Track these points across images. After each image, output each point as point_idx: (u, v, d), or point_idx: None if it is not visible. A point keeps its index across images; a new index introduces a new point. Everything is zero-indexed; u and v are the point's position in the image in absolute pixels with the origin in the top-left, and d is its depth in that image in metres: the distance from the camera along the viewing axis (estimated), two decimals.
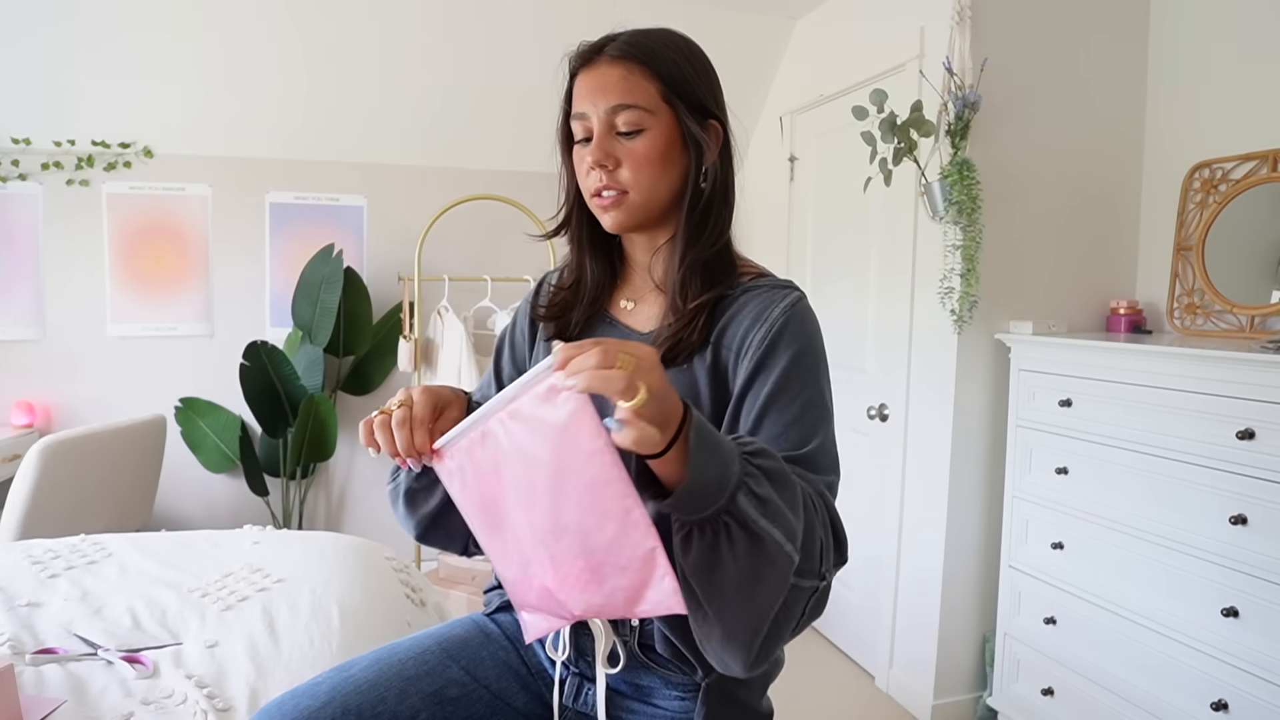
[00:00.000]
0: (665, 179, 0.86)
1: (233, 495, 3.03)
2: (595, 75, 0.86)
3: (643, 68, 0.85)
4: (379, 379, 3.10)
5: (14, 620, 1.34)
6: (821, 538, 0.71)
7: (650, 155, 0.85)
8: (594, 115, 0.85)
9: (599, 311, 0.97)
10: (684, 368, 0.86)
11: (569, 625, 0.85)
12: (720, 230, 0.89)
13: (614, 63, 0.85)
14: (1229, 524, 1.51)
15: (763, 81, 3.02)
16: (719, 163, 0.89)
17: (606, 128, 0.85)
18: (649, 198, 0.86)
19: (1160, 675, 1.66)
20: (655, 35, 0.89)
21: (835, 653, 2.66)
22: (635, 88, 0.84)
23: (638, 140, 0.85)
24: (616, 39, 0.87)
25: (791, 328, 0.83)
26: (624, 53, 0.85)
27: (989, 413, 2.15)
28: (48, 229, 2.78)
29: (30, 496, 1.94)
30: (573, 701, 0.91)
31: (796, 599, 0.69)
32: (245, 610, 1.42)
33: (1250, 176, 1.90)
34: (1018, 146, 2.09)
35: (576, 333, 0.96)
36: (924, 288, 2.19)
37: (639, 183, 0.85)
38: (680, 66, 0.87)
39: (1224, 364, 1.54)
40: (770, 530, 0.64)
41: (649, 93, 0.85)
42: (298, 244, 3.00)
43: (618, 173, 0.85)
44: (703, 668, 0.83)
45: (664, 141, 0.85)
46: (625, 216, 0.87)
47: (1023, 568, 2.02)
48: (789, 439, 0.78)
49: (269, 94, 2.75)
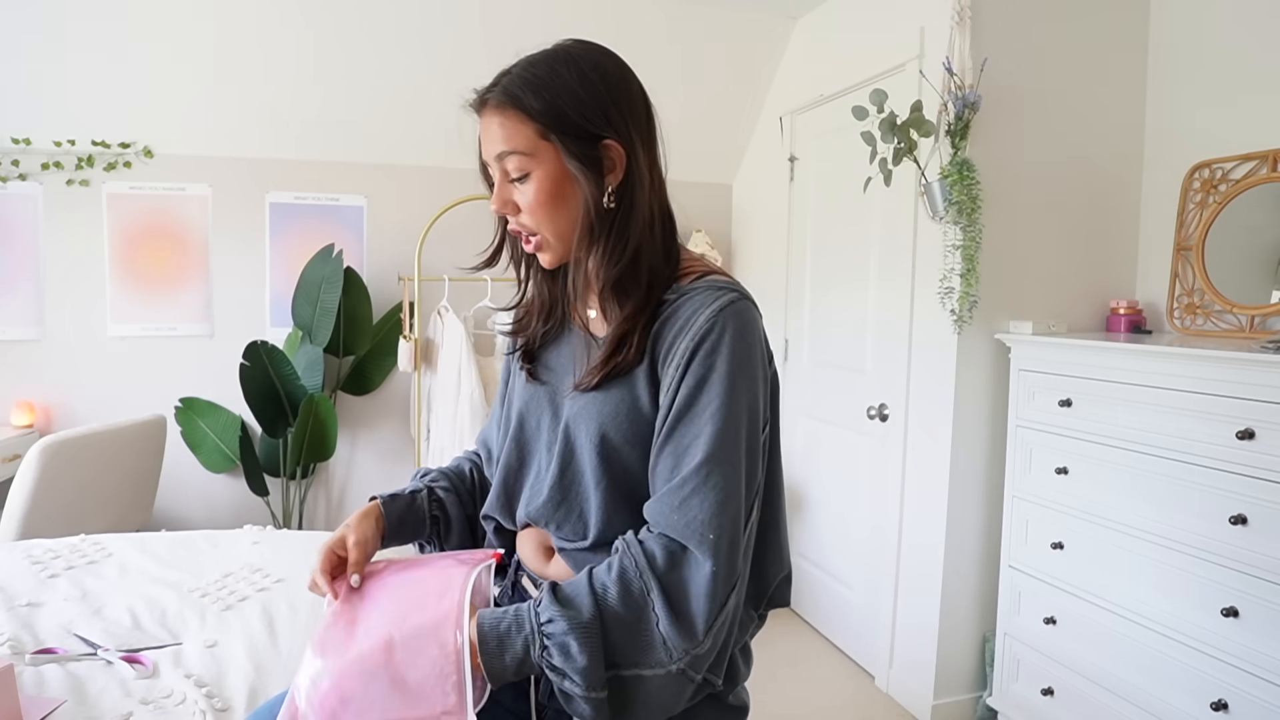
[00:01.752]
0: (565, 214, 0.86)
1: (233, 495, 3.03)
2: (484, 125, 0.87)
3: (516, 111, 0.84)
4: (379, 379, 3.10)
5: (14, 620, 1.35)
6: (655, 629, 0.76)
7: (540, 198, 0.85)
8: (492, 165, 0.87)
9: (565, 320, 0.98)
10: (622, 379, 0.86)
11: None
12: (624, 246, 0.85)
13: (493, 110, 0.85)
14: (1229, 524, 1.51)
15: (763, 81, 3.02)
16: (624, 178, 0.86)
17: (502, 175, 0.87)
18: (556, 234, 0.87)
19: (1160, 675, 1.66)
20: (539, 66, 0.85)
21: (835, 652, 2.66)
22: (513, 133, 0.84)
23: (527, 185, 0.85)
24: (499, 83, 0.86)
25: (713, 337, 0.81)
26: (498, 99, 0.85)
27: (989, 413, 2.15)
28: (48, 229, 2.78)
29: (30, 496, 1.94)
30: (549, 698, 0.91)
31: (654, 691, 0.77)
32: (245, 610, 1.42)
33: (1250, 176, 1.90)
34: (1018, 146, 2.09)
35: (542, 342, 0.99)
36: (924, 288, 2.19)
37: (540, 224, 0.86)
38: (558, 97, 0.83)
39: (1224, 364, 1.54)
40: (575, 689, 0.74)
41: (525, 135, 0.84)
42: (298, 244, 3.00)
43: (521, 218, 0.87)
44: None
45: (550, 181, 0.85)
46: (552, 255, 0.89)
47: (1023, 568, 2.01)
48: (674, 475, 0.80)
49: (269, 94, 2.75)
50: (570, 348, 0.96)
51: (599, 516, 0.86)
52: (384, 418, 3.16)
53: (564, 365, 0.95)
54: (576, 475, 0.88)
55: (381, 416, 3.15)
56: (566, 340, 0.97)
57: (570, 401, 0.90)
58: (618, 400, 0.86)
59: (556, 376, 0.96)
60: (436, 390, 2.83)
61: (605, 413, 0.86)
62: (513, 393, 1.01)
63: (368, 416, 3.14)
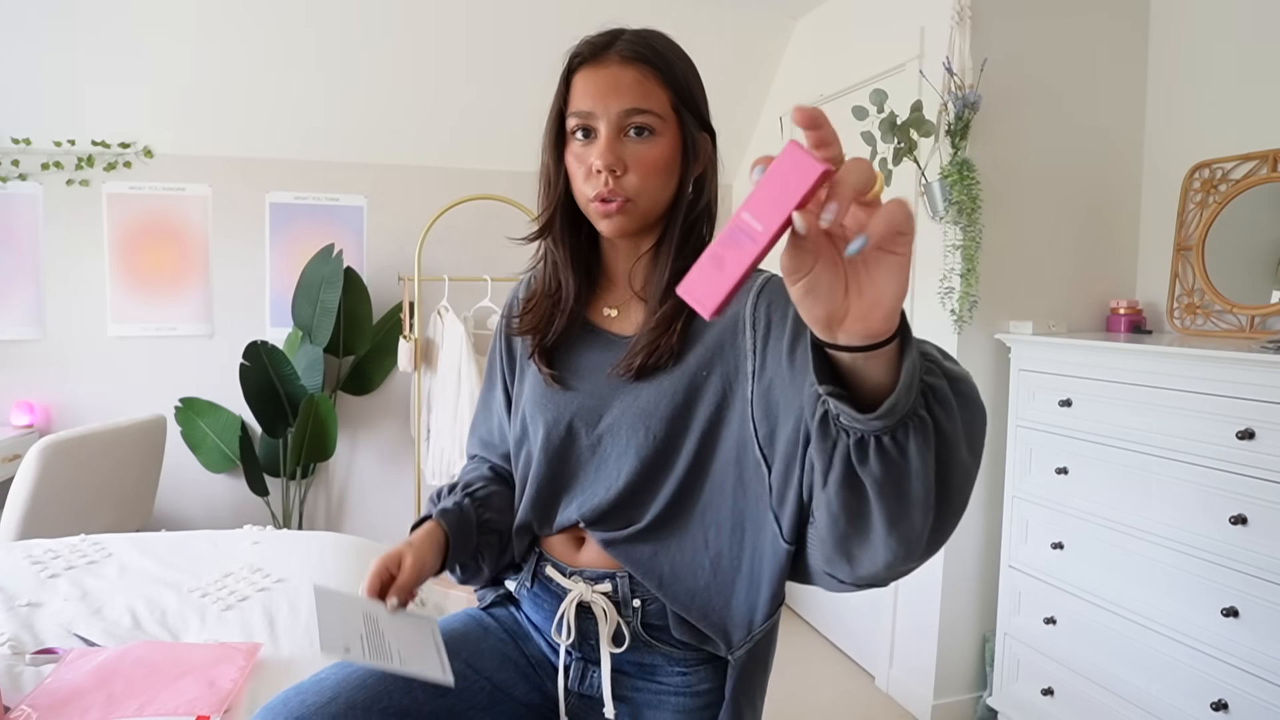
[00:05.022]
0: (667, 188, 0.86)
1: (233, 495, 3.03)
2: (606, 75, 0.83)
3: (656, 73, 0.83)
4: (379, 379, 3.10)
5: (14, 620, 1.35)
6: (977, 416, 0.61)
7: (658, 164, 0.83)
8: (603, 116, 0.83)
9: (580, 319, 0.95)
10: (653, 381, 0.86)
11: (573, 607, 0.89)
12: (704, 241, 0.89)
13: (626, 64, 0.83)
14: (1229, 524, 1.51)
15: (763, 81, 3.02)
16: (706, 174, 0.90)
17: (616, 131, 0.83)
18: (651, 205, 0.85)
19: (1160, 675, 1.66)
20: (660, 40, 0.87)
21: (835, 653, 2.66)
22: (649, 93, 0.83)
23: (647, 146, 0.83)
24: (623, 36, 0.85)
25: (769, 292, 0.83)
26: (637, 55, 0.83)
27: (989, 413, 2.14)
28: (48, 229, 2.78)
29: (30, 496, 1.94)
30: (578, 685, 0.92)
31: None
32: (245, 610, 1.42)
33: (1250, 176, 1.90)
34: (1018, 146, 2.09)
35: (556, 342, 0.94)
36: (924, 288, 2.19)
37: (645, 190, 0.84)
38: (686, 75, 0.86)
39: (1224, 364, 1.54)
40: (956, 368, 0.59)
41: (661, 100, 0.83)
42: (298, 244, 3.00)
43: (624, 179, 0.83)
44: (725, 642, 0.84)
45: (671, 150, 0.84)
46: (627, 222, 0.85)
47: (1023, 568, 2.01)
48: None
49: (269, 94, 2.75)
50: (590, 348, 0.93)
51: (664, 503, 0.86)
52: (384, 418, 3.16)
53: (589, 366, 0.92)
54: (655, 470, 0.86)
55: (381, 416, 3.15)
56: (581, 340, 0.94)
57: (623, 399, 0.88)
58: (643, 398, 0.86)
59: (584, 380, 0.92)
60: (436, 390, 2.83)
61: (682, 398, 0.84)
62: (525, 400, 0.97)
63: (368, 416, 3.14)
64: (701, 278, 0.48)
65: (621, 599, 0.88)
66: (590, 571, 0.90)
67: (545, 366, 0.93)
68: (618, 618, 0.88)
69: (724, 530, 0.84)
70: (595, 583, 0.89)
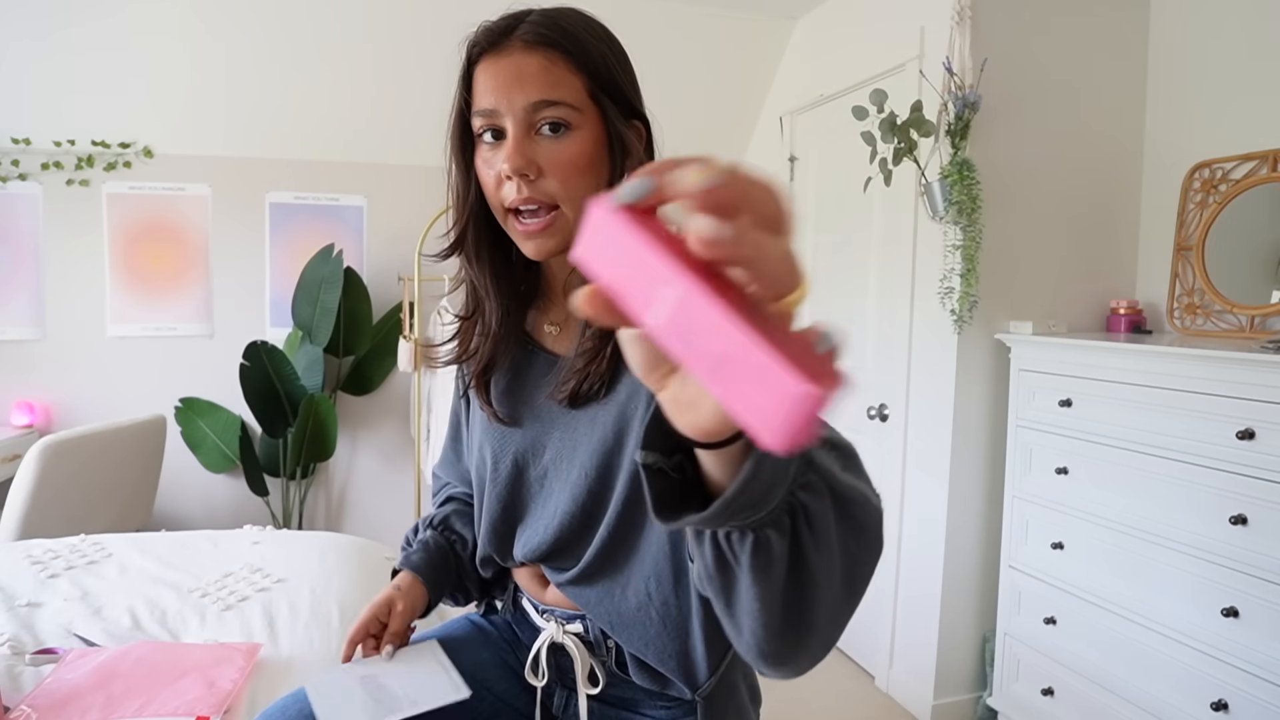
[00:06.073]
0: (594, 189, 0.72)
1: (233, 495, 3.03)
2: (508, 64, 0.71)
3: (566, 58, 0.71)
4: (379, 379, 3.10)
5: (14, 620, 1.34)
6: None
7: (578, 163, 0.71)
8: (508, 113, 0.71)
9: (520, 338, 0.85)
10: (587, 412, 0.77)
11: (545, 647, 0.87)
12: None
13: (530, 50, 0.71)
14: (1229, 524, 1.51)
15: (763, 81, 3.02)
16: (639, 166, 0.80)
17: (525, 128, 0.71)
18: (579, 212, 0.67)
19: (1160, 675, 1.66)
20: (572, 18, 0.74)
21: (835, 653, 2.66)
22: (559, 81, 0.70)
23: (563, 144, 0.71)
24: (528, 18, 0.73)
25: None
26: (542, 38, 0.71)
27: (989, 413, 2.15)
28: (48, 229, 2.78)
29: (30, 496, 1.94)
30: (562, 712, 0.91)
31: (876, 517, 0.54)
32: (245, 610, 1.42)
33: (1250, 176, 1.90)
34: (1018, 146, 2.09)
35: (492, 369, 0.85)
36: (924, 288, 2.19)
37: (569, 195, 0.71)
38: (606, 57, 0.74)
39: (1224, 364, 1.54)
40: (854, 485, 0.49)
41: (575, 88, 0.71)
42: (298, 244, 3.00)
43: (540, 183, 0.71)
44: (687, 684, 0.78)
45: (593, 145, 0.72)
46: (555, 242, 0.73)
47: (1023, 568, 2.01)
48: None
49: (269, 94, 2.75)
50: (530, 370, 0.84)
51: (597, 547, 0.78)
52: (384, 418, 3.16)
53: (531, 392, 0.83)
54: (589, 511, 0.79)
55: (381, 416, 3.15)
56: (523, 362, 0.85)
57: (562, 429, 0.80)
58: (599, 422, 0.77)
59: (526, 407, 0.83)
60: (436, 390, 2.83)
61: (612, 433, 0.76)
62: (474, 428, 0.90)
63: (368, 416, 3.14)
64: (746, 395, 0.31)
65: (594, 639, 0.84)
66: (561, 612, 0.86)
67: (485, 402, 0.85)
68: (590, 659, 0.84)
69: (665, 581, 0.76)
70: (567, 622, 0.86)
